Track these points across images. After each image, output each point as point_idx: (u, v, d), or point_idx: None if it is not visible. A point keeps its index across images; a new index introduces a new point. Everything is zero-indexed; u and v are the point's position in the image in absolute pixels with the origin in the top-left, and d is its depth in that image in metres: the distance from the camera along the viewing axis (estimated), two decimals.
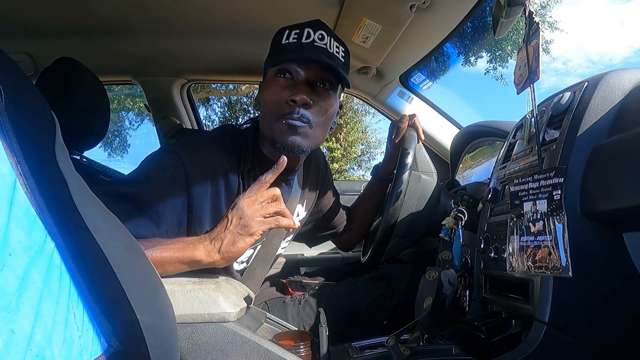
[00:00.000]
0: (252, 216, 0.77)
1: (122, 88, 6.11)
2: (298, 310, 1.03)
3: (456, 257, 0.92)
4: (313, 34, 0.86)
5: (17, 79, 0.35)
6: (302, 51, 0.85)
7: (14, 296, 0.30)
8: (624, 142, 0.64)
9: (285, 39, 0.87)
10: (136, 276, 0.44)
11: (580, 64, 22.86)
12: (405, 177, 1.02)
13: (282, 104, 0.85)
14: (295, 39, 0.86)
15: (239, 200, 0.80)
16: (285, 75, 0.87)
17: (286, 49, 0.86)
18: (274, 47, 0.90)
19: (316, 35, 0.86)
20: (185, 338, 0.65)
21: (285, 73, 0.87)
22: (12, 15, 1.33)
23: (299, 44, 0.85)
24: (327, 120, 0.92)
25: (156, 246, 0.73)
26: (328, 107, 0.89)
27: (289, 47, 0.86)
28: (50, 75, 1.12)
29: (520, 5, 0.72)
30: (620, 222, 0.67)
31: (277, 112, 0.86)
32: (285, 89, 0.86)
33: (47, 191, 0.34)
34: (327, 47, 0.87)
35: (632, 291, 0.67)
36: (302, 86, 0.85)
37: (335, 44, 0.90)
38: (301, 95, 0.83)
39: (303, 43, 0.85)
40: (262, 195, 0.80)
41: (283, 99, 0.85)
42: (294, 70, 0.87)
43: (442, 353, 0.71)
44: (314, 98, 0.86)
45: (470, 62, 8.47)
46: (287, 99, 0.84)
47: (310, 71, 0.86)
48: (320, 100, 0.87)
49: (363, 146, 10.93)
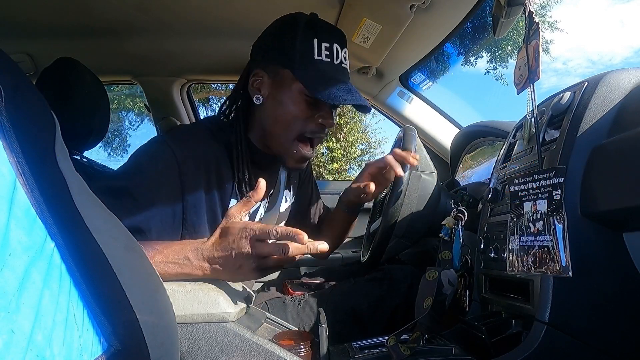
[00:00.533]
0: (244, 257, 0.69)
1: (122, 88, 6.12)
2: (298, 310, 1.03)
3: (456, 257, 0.92)
4: (341, 53, 0.89)
5: (17, 79, 0.35)
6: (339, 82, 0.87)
7: (14, 296, 0.30)
8: (624, 142, 0.64)
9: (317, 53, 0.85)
10: (136, 276, 0.44)
11: (580, 64, 22.90)
12: (405, 177, 1.02)
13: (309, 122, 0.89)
14: (327, 57, 0.86)
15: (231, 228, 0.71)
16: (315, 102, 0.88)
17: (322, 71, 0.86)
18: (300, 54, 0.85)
19: (343, 54, 0.90)
20: (185, 338, 0.65)
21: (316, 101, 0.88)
22: (12, 15, 1.33)
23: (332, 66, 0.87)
24: None
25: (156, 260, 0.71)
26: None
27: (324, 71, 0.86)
28: (50, 75, 1.12)
29: (520, 5, 0.72)
30: (620, 222, 0.67)
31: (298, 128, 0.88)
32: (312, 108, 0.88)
33: (47, 191, 0.34)
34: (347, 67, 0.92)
35: (632, 291, 0.67)
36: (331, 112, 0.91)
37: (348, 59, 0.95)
38: (331, 121, 0.90)
39: (335, 66, 0.87)
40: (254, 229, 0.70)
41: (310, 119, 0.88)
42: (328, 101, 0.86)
43: (442, 353, 0.71)
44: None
45: (470, 62, 8.48)
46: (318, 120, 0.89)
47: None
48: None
49: (363, 146, 10.95)
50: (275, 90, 0.89)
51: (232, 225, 0.70)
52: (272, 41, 0.90)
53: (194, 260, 0.70)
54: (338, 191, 1.93)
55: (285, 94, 0.87)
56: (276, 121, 0.89)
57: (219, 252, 0.69)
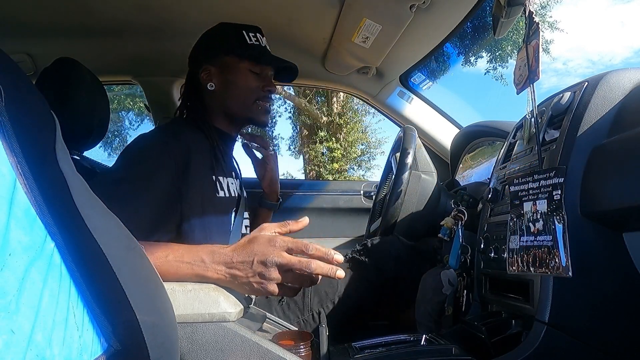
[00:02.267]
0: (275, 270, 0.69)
1: (122, 88, 6.11)
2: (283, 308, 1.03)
3: (453, 257, 0.92)
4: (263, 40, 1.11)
5: (17, 79, 0.35)
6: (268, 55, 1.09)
7: (14, 296, 0.30)
8: (624, 142, 0.64)
9: (249, 40, 1.07)
10: (136, 276, 0.44)
11: (580, 64, 22.87)
12: (405, 177, 1.02)
13: (259, 90, 1.07)
14: (257, 41, 1.08)
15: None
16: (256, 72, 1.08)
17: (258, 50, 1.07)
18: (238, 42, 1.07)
19: (264, 40, 1.11)
20: (185, 338, 0.65)
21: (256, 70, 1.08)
22: (12, 15, 1.33)
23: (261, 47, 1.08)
24: None
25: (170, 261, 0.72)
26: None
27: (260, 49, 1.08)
28: (50, 75, 1.12)
29: (520, 5, 0.72)
30: (620, 222, 0.67)
31: (254, 96, 1.07)
32: (258, 79, 1.08)
33: (47, 191, 0.34)
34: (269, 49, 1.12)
35: (632, 291, 0.67)
36: (271, 80, 1.11)
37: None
38: (274, 88, 1.10)
39: (263, 47, 1.09)
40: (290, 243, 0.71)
41: (258, 86, 1.07)
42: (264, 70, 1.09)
43: (442, 353, 0.71)
44: None
45: (470, 62, 8.47)
46: (264, 87, 1.08)
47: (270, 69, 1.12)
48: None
49: (363, 146, 10.93)
50: (225, 75, 1.07)
51: (260, 235, 0.71)
52: (209, 42, 1.10)
53: (208, 262, 0.70)
54: (338, 191, 1.94)
55: (235, 74, 1.07)
56: (233, 96, 1.07)
57: (239, 256, 0.69)
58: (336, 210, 1.89)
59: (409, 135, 1.10)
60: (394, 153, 1.27)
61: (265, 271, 0.67)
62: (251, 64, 1.06)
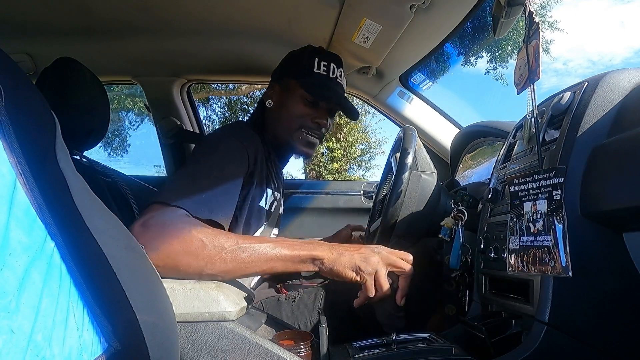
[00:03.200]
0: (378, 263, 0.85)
1: (122, 88, 6.11)
2: (292, 308, 1.03)
3: (454, 257, 0.92)
4: (336, 71, 1.13)
5: (17, 79, 0.35)
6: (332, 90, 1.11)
7: (14, 296, 0.30)
8: (624, 142, 0.64)
9: (316, 68, 1.10)
10: (136, 276, 0.44)
11: (580, 65, 22.90)
12: (405, 176, 1.02)
13: (307, 119, 1.10)
14: (325, 72, 1.11)
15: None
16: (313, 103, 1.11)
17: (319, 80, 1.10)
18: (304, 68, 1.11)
19: (338, 72, 1.13)
20: (185, 338, 0.65)
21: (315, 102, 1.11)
22: (12, 15, 1.33)
23: (328, 79, 1.10)
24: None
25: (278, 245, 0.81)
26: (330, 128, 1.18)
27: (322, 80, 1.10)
28: (50, 75, 1.12)
29: (520, 5, 0.72)
30: (620, 222, 0.67)
31: (300, 123, 1.10)
32: (310, 108, 1.10)
33: (47, 191, 0.34)
34: (343, 83, 1.15)
35: (632, 291, 0.67)
36: (325, 113, 1.13)
37: (344, 77, 1.17)
38: (324, 121, 1.12)
39: (331, 78, 1.11)
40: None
41: (307, 116, 1.10)
42: (322, 104, 1.12)
43: (441, 353, 0.71)
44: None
45: (470, 62, 8.47)
46: (313, 118, 1.10)
47: (330, 104, 1.13)
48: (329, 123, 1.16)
49: (363, 146, 10.94)
50: (283, 96, 1.12)
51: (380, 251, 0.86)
52: (286, 62, 1.17)
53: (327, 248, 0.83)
54: (338, 191, 1.94)
55: (289, 98, 1.11)
56: (281, 118, 1.11)
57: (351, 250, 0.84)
58: (336, 210, 1.89)
59: (409, 135, 1.10)
60: (394, 153, 1.27)
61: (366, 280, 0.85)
62: (307, 93, 1.09)
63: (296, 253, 0.81)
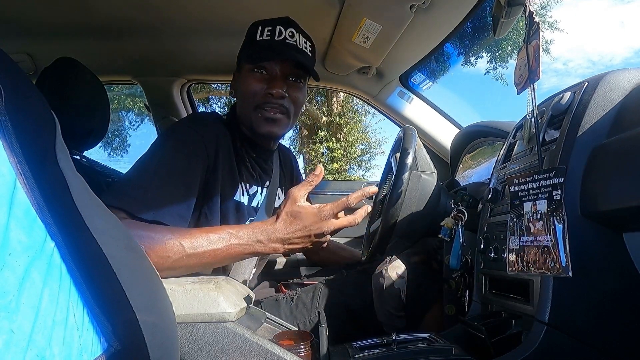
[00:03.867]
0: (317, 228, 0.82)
1: (122, 88, 6.12)
2: (291, 308, 1.03)
3: (454, 257, 0.92)
4: (284, 32, 0.97)
5: (17, 79, 0.35)
6: (276, 50, 0.95)
7: (14, 296, 0.30)
8: (624, 142, 0.64)
9: (259, 36, 0.97)
10: (136, 276, 0.44)
11: (580, 65, 22.93)
12: (406, 177, 1.02)
13: (259, 96, 0.96)
14: (268, 36, 0.96)
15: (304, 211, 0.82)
16: (262, 72, 0.97)
17: (261, 45, 0.96)
18: (248, 41, 1.00)
19: (287, 32, 0.97)
20: (185, 338, 0.65)
21: (261, 70, 0.97)
22: (12, 14, 1.33)
23: (272, 41, 0.96)
24: (298, 109, 1.04)
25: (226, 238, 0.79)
26: (300, 98, 1.02)
27: (264, 45, 0.96)
28: (50, 75, 1.12)
29: (520, 5, 0.72)
30: (620, 222, 0.67)
31: (254, 102, 0.97)
32: (261, 82, 0.97)
33: (47, 191, 0.34)
34: (297, 44, 0.98)
35: (632, 291, 0.67)
36: (278, 80, 0.97)
37: (304, 39, 1.01)
38: (277, 89, 0.95)
39: (276, 41, 0.95)
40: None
41: (260, 91, 0.96)
42: (269, 67, 0.97)
43: (441, 353, 0.71)
44: (288, 90, 0.98)
45: (470, 62, 8.48)
46: (265, 91, 0.96)
47: (284, 67, 0.97)
48: (292, 92, 0.99)
49: (363, 146, 10.93)
50: (238, 81, 1.03)
51: (304, 210, 0.81)
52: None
53: (265, 241, 0.80)
54: (338, 191, 1.94)
55: (241, 80, 1.00)
56: (240, 103, 1.02)
57: (294, 232, 0.80)
58: None
59: (409, 135, 1.10)
60: (394, 153, 1.27)
61: (323, 238, 0.83)
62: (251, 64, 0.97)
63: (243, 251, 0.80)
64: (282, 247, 0.81)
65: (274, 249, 0.81)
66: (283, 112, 0.98)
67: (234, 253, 0.79)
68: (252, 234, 0.80)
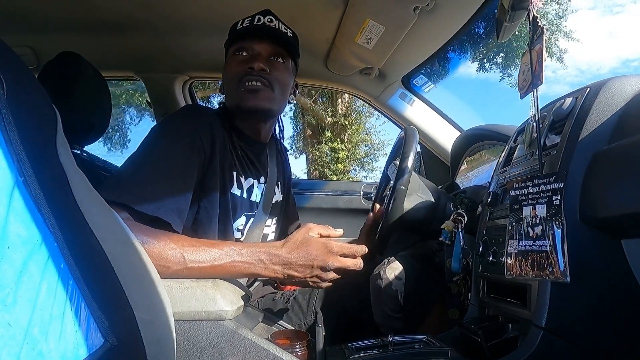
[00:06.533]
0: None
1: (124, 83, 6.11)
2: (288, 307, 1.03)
3: (456, 261, 0.92)
4: (263, 18, 0.98)
5: (19, 73, 0.35)
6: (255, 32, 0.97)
7: (12, 289, 0.30)
8: (625, 148, 0.64)
9: (240, 25, 0.99)
10: (134, 273, 0.44)
11: (569, 73, 23.03)
12: (406, 178, 1.02)
13: (241, 72, 0.95)
14: (248, 22, 0.98)
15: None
16: (242, 53, 0.97)
17: (240, 32, 0.98)
18: (230, 34, 1.02)
19: (266, 19, 0.98)
20: (182, 336, 0.64)
21: (242, 51, 0.97)
22: (15, 8, 1.33)
23: (252, 26, 0.97)
24: (284, 89, 1.00)
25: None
26: (283, 77, 0.99)
27: (243, 29, 0.98)
28: (52, 69, 1.12)
29: (524, 9, 0.72)
30: (619, 228, 0.67)
31: (236, 79, 0.95)
32: (243, 63, 0.96)
33: (47, 185, 0.34)
34: (276, 27, 0.99)
35: (629, 297, 0.67)
36: (258, 56, 0.96)
37: (284, 26, 1.01)
38: (257, 63, 0.94)
39: (255, 25, 0.97)
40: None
41: (242, 70, 0.95)
42: (249, 47, 0.97)
43: (438, 355, 0.71)
44: (270, 68, 0.96)
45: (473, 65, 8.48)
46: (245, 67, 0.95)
47: (263, 46, 0.97)
48: (275, 71, 0.97)
49: (367, 147, 10.95)
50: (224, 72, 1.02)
51: (312, 240, 0.80)
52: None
53: (267, 262, 0.78)
54: (337, 192, 1.94)
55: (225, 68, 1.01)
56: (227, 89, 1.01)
57: (297, 259, 0.79)
58: (335, 210, 1.89)
59: (410, 136, 1.10)
60: (394, 154, 1.27)
61: (324, 274, 0.80)
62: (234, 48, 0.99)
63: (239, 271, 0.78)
64: (281, 271, 0.79)
65: (273, 272, 0.79)
66: (265, 85, 0.96)
67: (233, 271, 0.77)
68: (256, 253, 0.79)
